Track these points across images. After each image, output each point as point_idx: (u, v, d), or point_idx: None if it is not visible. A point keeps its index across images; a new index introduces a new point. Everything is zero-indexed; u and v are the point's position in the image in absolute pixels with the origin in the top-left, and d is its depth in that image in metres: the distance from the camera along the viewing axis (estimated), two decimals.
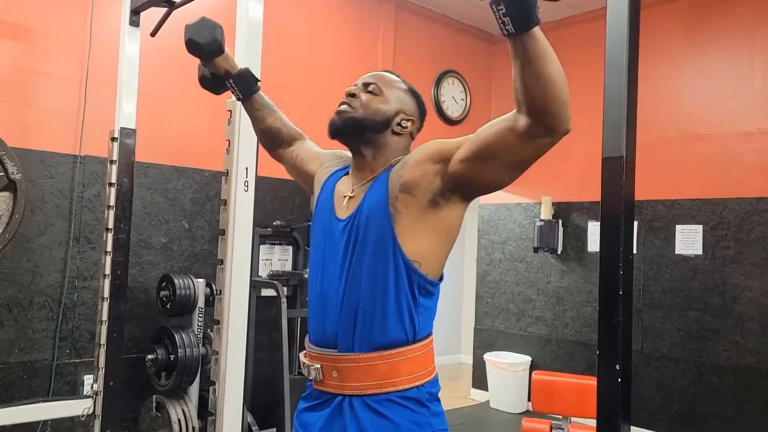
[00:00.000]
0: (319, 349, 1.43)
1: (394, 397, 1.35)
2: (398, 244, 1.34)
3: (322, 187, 1.57)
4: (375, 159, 1.47)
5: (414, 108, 1.52)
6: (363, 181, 1.47)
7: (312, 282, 1.50)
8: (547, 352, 5.37)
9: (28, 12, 3.36)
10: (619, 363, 1.53)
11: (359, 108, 1.46)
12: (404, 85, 1.53)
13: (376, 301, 1.35)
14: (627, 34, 1.62)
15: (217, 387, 1.90)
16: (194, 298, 3.38)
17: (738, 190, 4.35)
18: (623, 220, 1.55)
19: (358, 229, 1.39)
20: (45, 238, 3.34)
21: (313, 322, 1.46)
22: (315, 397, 1.45)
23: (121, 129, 2.73)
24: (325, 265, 1.45)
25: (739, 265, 4.31)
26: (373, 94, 1.48)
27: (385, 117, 1.47)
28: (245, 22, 1.92)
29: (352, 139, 1.48)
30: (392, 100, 1.48)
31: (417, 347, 1.38)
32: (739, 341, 4.27)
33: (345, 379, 1.37)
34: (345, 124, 1.45)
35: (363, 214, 1.39)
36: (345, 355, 1.37)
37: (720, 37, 4.57)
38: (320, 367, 1.41)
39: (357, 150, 1.49)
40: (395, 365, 1.36)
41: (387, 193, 1.37)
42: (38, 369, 3.31)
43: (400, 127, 1.48)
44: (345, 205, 1.46)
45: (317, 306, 1.45)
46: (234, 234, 1.90)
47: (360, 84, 1.51)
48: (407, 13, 5.19)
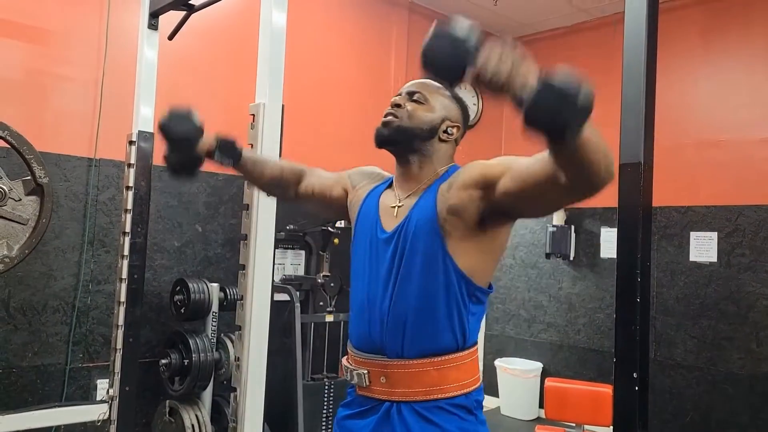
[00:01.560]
0: (366, 354, 1.42)
1: (443, 404, 1.35)
2: (451, 259, 1.35)
3: (362, 203, 1.56)
4: (421, 168, 1.48)
5: (458, 114, 1.53)
6: (409, 192, 1.47)
7: (355, 290, 1.50)
8: (559, 358, 5.34)
9: (45, 15, 3.37)
10: (637, 371, 1.51)
11: (405, 117, 1.46)
12: (448, 92, 1.53)
13: (427, 309, 1.36)
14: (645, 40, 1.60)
15: (238, 393, 1.89)
16: (208, 303, 3.36)
17: (754, 197, 4.31)
18: (641, 227, 1.53)
19: (406, 240, 1.39)
20: (59, 241, 3.34)
21: (358, 328, 1.46)
22: (359, 404, 1.45)
23: (139, 132, 2.72)
24: (370, 274, 1.45)
25: (755, 273, 4.27)
26: (418, 102, 1.48)
27: (432, 125, 1.47)
28: (269, 30, 1.91)
29: (399, 148, 1.49)
30: (437, 107, 1.49)
31: (465, 354, 1.39)
32: (754, 350, 4.23)
33: (394, 385, 1.37)
34: (393, 134, 1.46)
35: (411, 227, 1.39)
36: (394, 360, 1.37)
37: (736, 43, 4.54)
38: (367, 372, 1.41)
39: (404, 159, 1.49)
40: (445, 372, 1.36)
41: (435, 210, 1.38)
42: (51, 373, 3.30)
43: (446, 134, 1.50)
44: (394, 215, 1.46)
45: (362, 313, 1.45)
46: (256, 239, 1.88)
47: (404, 93, 1.51)
48: (420, 17, 5.17)
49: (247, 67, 2.67)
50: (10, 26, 3.26)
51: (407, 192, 1.48)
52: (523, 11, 5.25)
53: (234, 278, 3.88)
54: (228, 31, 4.02)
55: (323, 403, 3.69)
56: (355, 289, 1.50)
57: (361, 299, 1.46)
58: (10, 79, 3.26)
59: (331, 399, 3.69)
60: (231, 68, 4.00)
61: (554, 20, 5.40)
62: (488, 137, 5.78)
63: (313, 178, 1.75)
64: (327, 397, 3.70)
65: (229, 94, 3.96)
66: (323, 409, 3.66)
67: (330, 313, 3.80)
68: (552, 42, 5.61)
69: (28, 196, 2.49)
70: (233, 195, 4.01)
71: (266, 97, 1.92)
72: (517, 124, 1.05)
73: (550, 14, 5.28)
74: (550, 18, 5.37)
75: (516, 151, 1.33)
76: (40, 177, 2.49)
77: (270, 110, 1.92)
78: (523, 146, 1.32)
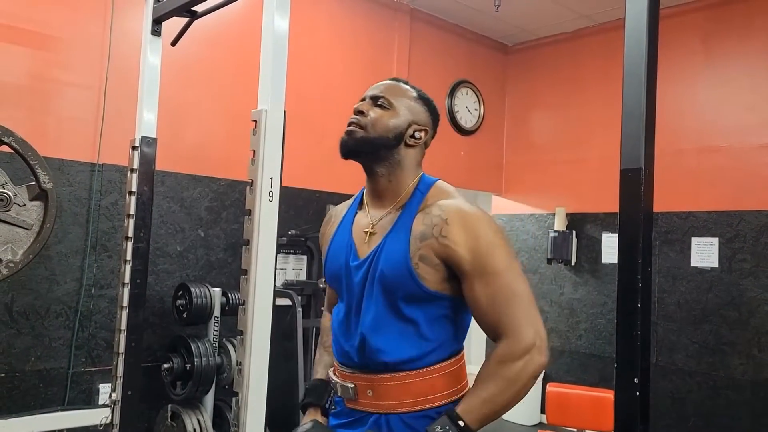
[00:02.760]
0: (351, 369, 1.42)
1: (431, 414, 1.34)
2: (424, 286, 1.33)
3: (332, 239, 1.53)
4: (391, 180, 1.44)
5: (426, 116, 1.48)
6: (382, 213, 1.44)
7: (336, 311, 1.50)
8: (561, 364, 5.33)
9: (49, 21, 3.39)
10: (638, 376, 1.52)
11: (369, 126, 1.41)
12: (414, 92, 1.48)
13: (406, 329, 1.35)
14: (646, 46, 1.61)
15: (240, 398, 1.89)
16: (210, 307, 3.38)
17: (755, 203, 4.32)
18: (642, 233, 1.54)
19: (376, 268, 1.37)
20: (62, 246, 3.35)
21: (341, 346, 1.45)
22: (347, 415, 1.44)
23: (142, 138, 2.73)
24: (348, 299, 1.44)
25: (756, 279, 4.27)
26: (382, 108, 1.43)
27: (398, 132, 1.42)
28: (271, 36, 1.92)
29: (365, 158, 1.44)
30: (402, 111, 1.43)
31: (452, 362, 1.39)
32: (755, 355, 4.23)
33: (381, 398, 1.37)
34: (357, 145, 1.42)
35: (382, 257, 1.37)
36: (380, 374, 1.37)
37: (737, 49, 4.56)
38: (354, 386, 1.40)
39: (372, 170, 1.45)
40: (431, 381, 1.35)
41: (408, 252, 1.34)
42: (54, 377, 3.31)
43: (414, 139, 1.44)
44: (365, 242, 1.43)
45: (342, 333, 1.44)
46: (258, 244, 1.89)
47: (368, 98, 1.46)
48: (422, 23, 5.20)
49: (250, 73, 2.68)
50: (15, 32, 3.28)
51: (380, 211, 1.45)
52: (525, 17, 5.27)
53: (236, 283, 3.88)
54: (231, 38, 4.05)
55: None
56: (336, 310, 1.50)
57: (341, 319, 1.45)
58: (14, 84, 3.29)
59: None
60: (233, 74, 4.02)
61: (556, 26, 5.42)
62: (489, 144, 5.79)
63: None
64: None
65: (232, 100, 3.98)
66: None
67: None
68: (553, 48, 5.63)
69: (32, 201, 2.50)
70: (235, 200, 4.03)
71: (268, 104, 1.93)
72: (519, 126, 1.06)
73: (552, 20, 5.30)
74: (551, 24, 5.38)
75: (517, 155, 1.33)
76: (44, 182, 2.50)
77: (272, 116, 1.93)
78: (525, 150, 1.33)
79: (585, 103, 5.35)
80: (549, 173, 5.55)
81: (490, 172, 5.83)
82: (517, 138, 5.84)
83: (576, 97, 5.42)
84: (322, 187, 4.42)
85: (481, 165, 5.73)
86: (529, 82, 5.81)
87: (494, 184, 5.86)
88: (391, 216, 1.41)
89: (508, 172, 5.90)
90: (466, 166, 5.57)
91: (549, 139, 5.60)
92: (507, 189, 5.90)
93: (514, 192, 5.85)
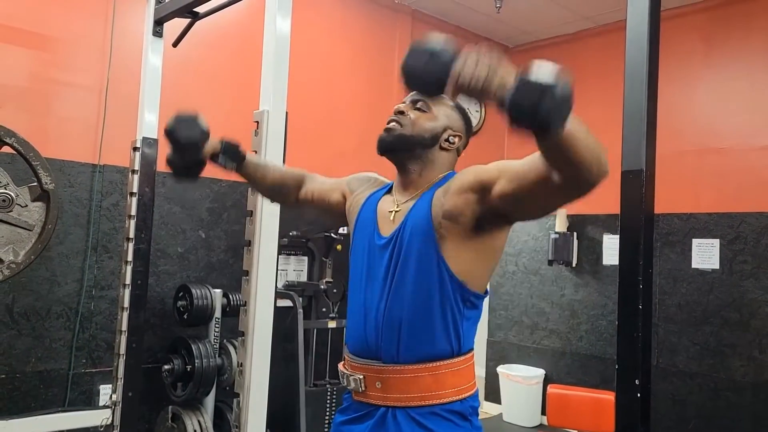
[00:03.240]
0: (362, 360, 1.43)
1: (438, 410, 1.35)
2: (445, 263, 1.35)
3: (361, 209, 1.58)
4: (421, 176, 1.49)
5: (461, 124, 1.53)
6: (407, 198, 1.48)
7: (352, 295, 1.51)
8: (561, 365, 5.33)
9: (50, 22, 3.39)
10: (639, 378, 1.52)
11: (408, 125, 1.47)
12: (451, 102, 1.54)
13: (422, 314, 1.36)
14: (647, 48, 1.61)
15: (241, 399, 1.89)
16: (211, 309, 3.37)
17: (756, 205, 4.32)
18: (643, 235, 1.54)
19: (401, 245, 1.40)
20: (63, 246, 3.35)
21: (354, 333, 1.47)
22: (355, 410, 1.45)
23: (143, 139, 2.74)
24: (368, 279, 1.46)
25: (757, 280, 4.27)
26: (421, 111, 1.49)
27: (434, 133, 1.48)
28: (273, 37, 1.92)
29: (400, 155, 1.49)
30: (440, 116, 1.49)
31: (461, 360, 1.40)
32: (756, 357, 4.22)
33: (389, 390, 1.38)
34: (395, 142, 1.47)
35: (407, 232, 1.40)
36: (390, 366, 1.38)
37: (738, 50, 4.56)
38: (363, 377, 1.41)
39: (404, 166, 1.50)
40: (440, 377, 1.37)
41: (430, 214, 1.38)
42: (54, 378, 3.31)
43: (448, 143, 1.50)
44: (391, 220, 1.47)
45: (358, 319, 1.45)
46: (260, 245, 1.89)
47: (408, 101, 1.52)
48: (423, 24, 5.20)
49: (251, 75, 2.68)
50: (16, 33, 3.29)
51: (405, 197, 1.49)
52: (526, 19, 5.27)
53: (237, 284, 3.87)
54: (232, 39, 4.05)
55: (326, 409, 3.69)
56: (353, 294, 1.51)
57: (358, 304, 1.47)
58: (15, 85, 3.29)
59: (333, 405, 3.70)
60: (235, 75, 4.02)
61: (557, 28, 5.42)
62: (491, 144, 5.78)
63: (313, 184, 1.78)
64: (329, 403, 3.70)
65: (233, 101, 3.98)
66: (326, 415, 3.66)
67: (332, 319, 3.81)
68: (554, 49, 5.63)
69: (34, 202, 2.51)
70: (236, 201, 4.03)
71: (270, 104, 1.94)
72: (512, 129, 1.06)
73: (553, 22, 5.30)
74: (552, 26, 5.38)
75: (518, 157, 1.33)
76: (46, 183, 2.51)
77: (274, 117, 1.93)
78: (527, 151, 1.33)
79: (585, 104, 5.32)
80: None
81: None
82: (518, 139, 5.82)
83: (577, 99, 5.37)
84: None
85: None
86: None
87: None
88: (415, 199, 1.46)
89: None
90: (467, 167, 5.56)
91: None
92: None
93: None
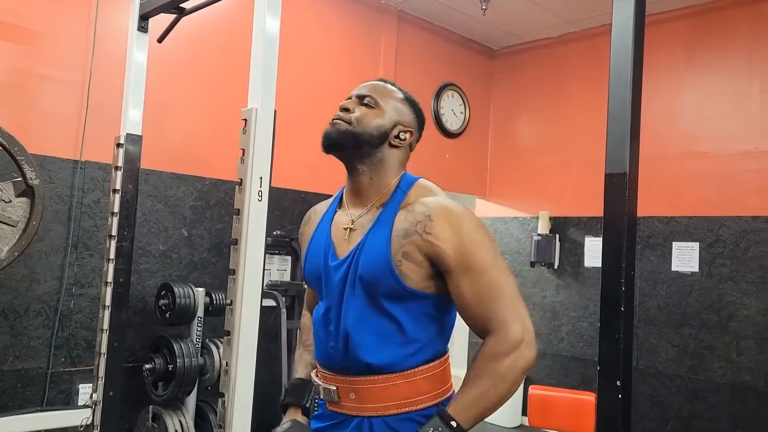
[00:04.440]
0: (333, 373, 1.39)
1: (415, 416, 1.32)
2: (406, 285, 1.31)
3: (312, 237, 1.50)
4: (372, 178, 1.42)
5: (412, 118, 1.46)
6: (363, 210, 1.42)
7: (315, 314, 1.46)
8: (542, 366, 5.36)
9: (31, 15, 3.34)
10: (620, 379, 1.53)
11: (354, 122, 1.39)
12: (401, 94, 1.47)
13: (389, 329, 1.33)
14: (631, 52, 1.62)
15: (226, 399, 1.88)
16: (194, 308, 3.34)
17: (735, 209, 4.38)
18: (626, 237, 1.55)
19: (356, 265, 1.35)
20: (43, 244, 3.30)
21: (321, 349, 1.42)
22: (329, 418, 1.41)
23: (127, 135, 2.70)
24: (327, 299, 1.41)
25: (735, 283, 4.33)
26: (368, 107, 1.41)
27: (382, 130, 1.40)
28: (262, 35, 1.91)
29: (347, 153, 1.41)
30: (389, 111, 1.42)
31: (436, 364, 1.37)
32: (734, 359, 4.29)
33: (364, 401, 1.34)
34: (340, 137, 1.39)
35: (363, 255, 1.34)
36: (362, 377, 1.34)
37: (719, 56, 4.62)
38: (336, 388, 1.37)
39: (353, 167, 1.42)
40: (416, 384, 1.33)
41: (390, 249, 1.31)
42: (33, 377, 3.25)
43: (398, 139, 1.42)
44: (345, 239, 1.40)
45: (324, 334, 1.41)
46: (247, 244, 1.88)
47: (354, 97, 1.45)
48: (409, 25, 5.21)
49: (237, 72, 2.67)
50: None
51: (360, 209, 1.42)
52: (511, 21, 5.30)
53: (220, 283, 3.86)
54: (218, 35, 4.02)
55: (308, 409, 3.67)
56: (316, 313, 1.46)
57: (321, 319, 1.42)
58: None
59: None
60: (220, 73, 3.99)
61: (542, 31, 5.45)
62: (474, 147, 5.81)
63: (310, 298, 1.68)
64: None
65: (219, 98, 3.95)
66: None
67: None
68: (539, 52, 5.67)
69: (18, 197, 2.47)
70: (220, 199, 4.00)
71: (259, 102, 1.92)
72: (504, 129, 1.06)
73: (538, 25, 5.34)
74: (537, 29, 5.42)
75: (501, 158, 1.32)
76: (31, 178, 2.47)
77: (262, 115, 1.92)
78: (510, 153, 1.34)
79: (569, 107, 5.39)
80: (533, 177, 5.58)
81: (475, 175, 5.85)
82: (501, 141, 5.87)
83: (561, 102, 5.46)
84: (308, 188, 4.40)
85: (466, 168, 5.75)
86: (514, 86, 5.84)
87: (479, 187, 5.89)
88: (371, 214, 1.39)
89: (493, 175, 5.93)
90: (451, 168, 5.59)
91: (533, 143, 5.64)
92: (491, 192, 5.93)
93: (498, 195, 5.88)
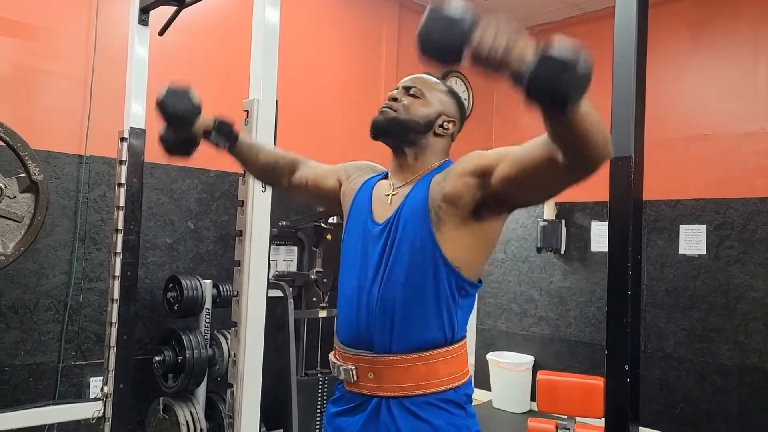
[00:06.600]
0: (353, 350, 1.41)
1: (432, 400, 1.34)
2: (440, 249, 1.34)
3: (356, 194, 1.56)
4: (416, 160, 1.49)
5: (455, 110, 1.53)
6: (404, 182, 1.48)
7: (344, 283, 1.49)
8: (550, 351, 5.37)
9: (32, 10, 3.33)
10: (628, 363, 1.53)
11: (402, 111, 1.46)
12: (444, 87, 1.53)
13: (415, 302, 1.35)
14: (635, 35, 1.61)
15: (234, 389, 1.89)
16: (202, 300, 3.36)
17: (742, 191, 4.36)
18: (632, 221, 1.55)
19: (396, 230, 1.39)
20: (50, 239, 3.32)
21: (346, 322, 1.45)
22: (348, 401, 1.44)
23: (131, 129, 2.71)
24: (361, 267, 1.44)
25: (743, 265, 4.32)
26: (414, 97, 1.49)
27: (428, 119, 1.47)
28: (262, 26, 1.91)
29: (395, 139, 1.49)
30: (434, 102, 1.49)
31: (454, 348, 1.39)
32: (743, 341, 4.28)
33: (382, 381, 1.36)
34: (389, 125, 1.46)
35: (402, 217, 1.39)
36: (382, 356, 1.36)
37: (724, 37, 4.58)
38: (355, 368, 1.40)
39: (399, 150, 1.50)
40: (433, 366, 1.35)
41: (427, 199, 1.38)
42: (44, 371, 3.28)
43: (442, 128, 1.50)
44: (388, 203, 1.46)
45: (351, 307, 1.43)
46: (251, 236, 1.88)
47: (401, 87, 1.52)
48: (411, 12, 5.17)
49: (239, 63, 2.66)
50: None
51: (402, 181, 1.48)
52: (514, 6, 5.26)
53: (226, 275, 3.87)
54: (219, 27, 4.01)
55: (317, 398, 3.69)
56: (345, 282, 1.49)
57: (351, 291, 1.44)
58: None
59: (324, 394, 3.70)
60: (222, 64, 3.98)
61: (545, 14, 5.41)
62: (479, 133, 5.79)
63: (307, 169, 1.76)
64: (321, 393, 3.71)
65: (221, 90, 3.94)
66: (317, 405, 3.67)
67: (323, 308, 3.80)
68: (542, 36, 5.59)
69: (23, 193, 2.48)
70: (225, 191, 4.00)
71: (260, 93, 1.92)
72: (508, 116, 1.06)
73: (541, 9, 5.30)
74: (540, 12, 5.38)
75: (505, 144, 1.33)
76: (34, 174, 2.48)
77: (264, 106, 1.92)
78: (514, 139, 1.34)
79: None
80: None
81: None
82: (506, 127, 5.85)
83: None
84: None
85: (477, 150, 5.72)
86: None
87: None
88: (412, 183, 1.46)
89: None
90: (456, 155, 5.55)
91: (537, 129, 5.59)
92: None
93: None
